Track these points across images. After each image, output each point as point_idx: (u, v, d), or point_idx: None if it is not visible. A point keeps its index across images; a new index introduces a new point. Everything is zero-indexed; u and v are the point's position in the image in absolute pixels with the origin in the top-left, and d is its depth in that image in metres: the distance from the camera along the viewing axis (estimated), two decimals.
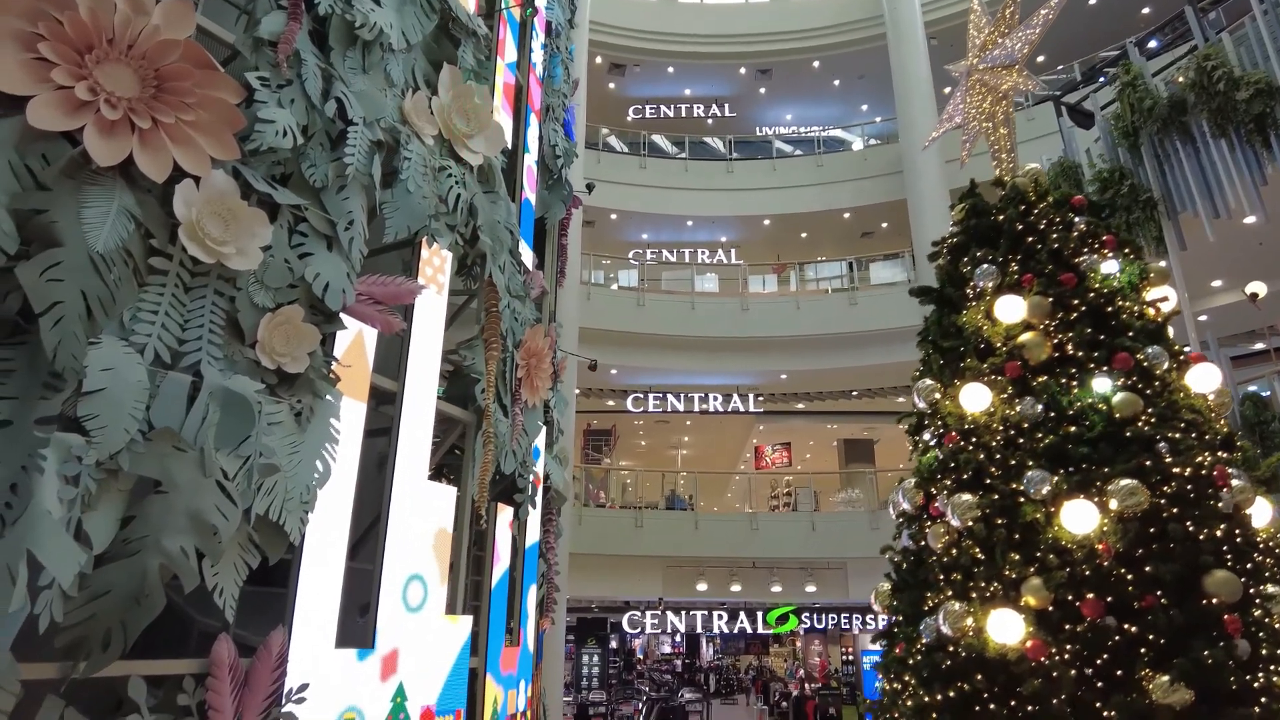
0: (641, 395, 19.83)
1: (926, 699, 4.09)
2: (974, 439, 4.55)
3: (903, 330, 17.29)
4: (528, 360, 4.92)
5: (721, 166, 21.38)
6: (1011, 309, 4.75)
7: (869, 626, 21.32)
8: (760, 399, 20.15)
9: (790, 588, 18.33)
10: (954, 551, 4.33)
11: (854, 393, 20.31)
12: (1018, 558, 4.06)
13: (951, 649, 4.09)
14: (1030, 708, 3.77)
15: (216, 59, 2.73)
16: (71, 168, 2.31)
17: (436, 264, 3.97)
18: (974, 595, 4.14)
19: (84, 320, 2.22)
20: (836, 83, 23.61)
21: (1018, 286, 4.85)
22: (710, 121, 24.38)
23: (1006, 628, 3.88)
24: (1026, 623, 3.89)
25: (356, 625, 3.20)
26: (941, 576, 4.37)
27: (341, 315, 3.11)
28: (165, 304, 2.51)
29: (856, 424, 22.27)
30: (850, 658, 25.22)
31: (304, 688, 2.71)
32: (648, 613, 20.75)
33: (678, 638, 29.28)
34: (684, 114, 24.28)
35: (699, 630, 21.50)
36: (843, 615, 20.89)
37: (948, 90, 19.77)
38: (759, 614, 20.80)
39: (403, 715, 3.19)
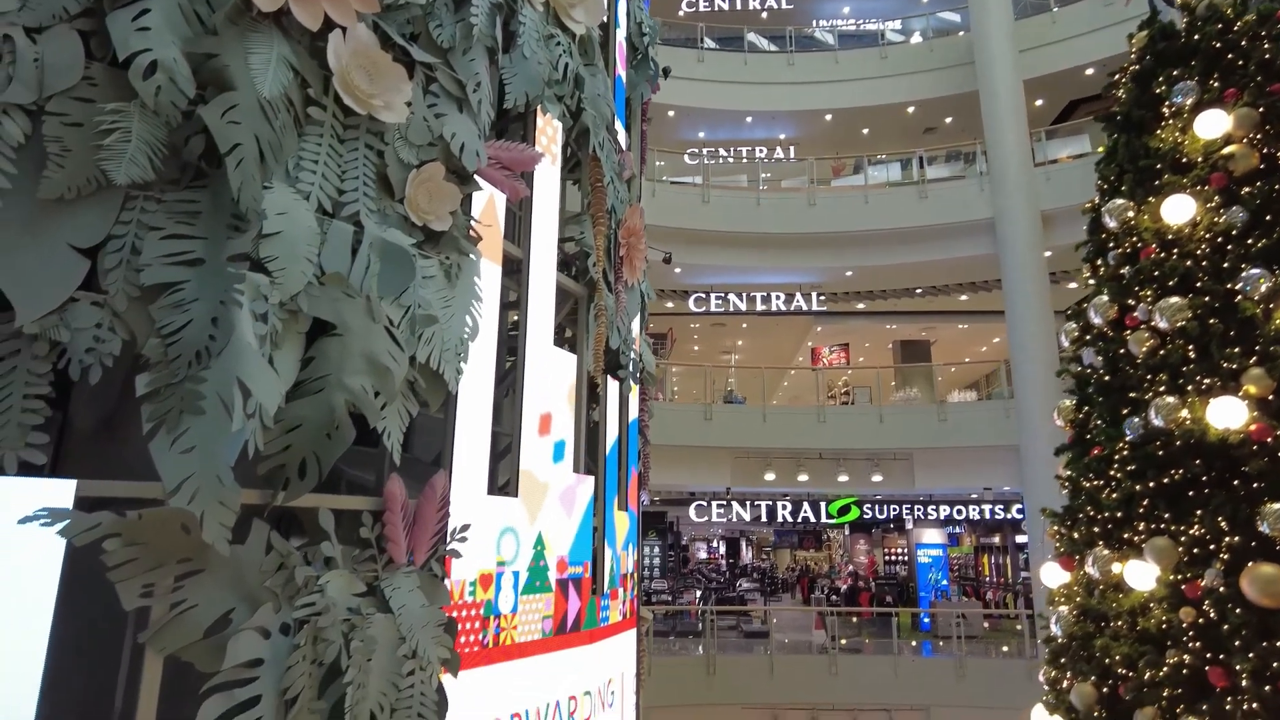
0: (703, 295, 19.72)
1: (1137, 488, 4.28)
2: (1176, 249, 4.65)
3: (970, 224, 16.91)
4: (627, 239, 4.92)
5: (782, 59, 20.54)
6: (1214, 123, 4.76)
7: (930, 517, 21.53)
8: (822, 298, 19.93)
9: (856, 478, 18.55)
10: (1160, 354, 4.48)
11: (917, 290, 20.01)
12: (1236, 351, 4.14)
13: (1162, 441, 4.26)
14: (1255, 485, 3.89)
15: None
16: (234, 13, 2.32)
17: (550, 134, 3.95)
18: (1188, 389, 4.26)
19: (258, 164, 2.26)
20: None
21: (1218, 102, 4.83)
22: (765, 15, 23.47)
23: (1228, 413, 3.98)
24: (1248, 409, 3.98)
25: (502, 475, 3.33)
26: (1147, 378, 4.54)
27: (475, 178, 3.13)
28: (324, 154, 2.55)
29: (915, 324, 22.03)
30: (903, 556, 25.59)
31: (465, 528, 2.84)
32: (714, 503, 21.17)
33: (714, 544, 29.99)
34: (738, 6, 23.40)
35: (764, 519, 21.89)
36: (904, 507, 21.07)
37: None
38: (822, 505, 21.10)
39: (542, 562, 3.35)
